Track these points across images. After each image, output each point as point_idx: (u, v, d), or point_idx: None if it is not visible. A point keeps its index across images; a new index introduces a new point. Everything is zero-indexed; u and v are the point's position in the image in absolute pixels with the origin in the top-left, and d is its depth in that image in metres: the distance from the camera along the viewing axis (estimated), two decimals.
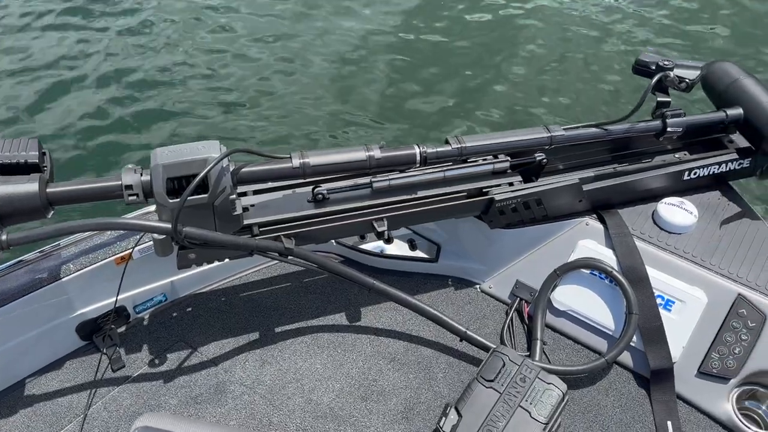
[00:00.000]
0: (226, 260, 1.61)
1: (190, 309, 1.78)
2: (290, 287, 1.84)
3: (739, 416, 1.52)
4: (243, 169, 1.41)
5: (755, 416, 1.56)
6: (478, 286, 1.86)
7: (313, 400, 1.57)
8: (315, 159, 1.44)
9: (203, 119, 3.80)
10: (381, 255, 1.88)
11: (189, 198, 1.29)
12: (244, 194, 1.57)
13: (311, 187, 1.57)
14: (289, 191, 1.58)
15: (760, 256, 1.65)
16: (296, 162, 1.42)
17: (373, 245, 1.90)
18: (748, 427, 1.51)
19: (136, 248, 1.62)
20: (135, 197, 1.32)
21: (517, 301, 1.78)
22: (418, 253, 1.90)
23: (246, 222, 1.48)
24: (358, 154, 1.47)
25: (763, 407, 1.56)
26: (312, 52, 4.33)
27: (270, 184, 1.59)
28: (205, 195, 1.32)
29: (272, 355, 1.67)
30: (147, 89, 4.04)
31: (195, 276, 1.80)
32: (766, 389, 1.55)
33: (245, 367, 1.65)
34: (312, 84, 4.07)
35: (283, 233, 1.49)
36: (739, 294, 1.58)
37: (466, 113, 3.75)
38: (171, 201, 1.30)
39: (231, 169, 1.37)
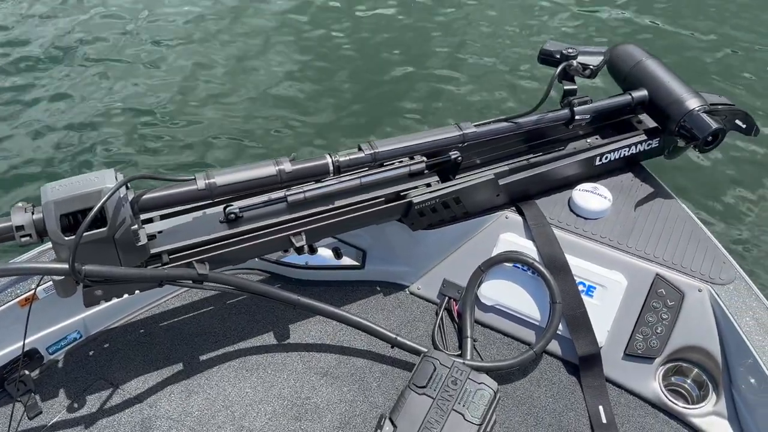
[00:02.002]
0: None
1: (107, 344, 1.69)
2: (213, 310, 1.77)
3: (666, 393, 1.56)
4: (144, 197, 1.34)
5: (682, 390, 1.61)
6: (406, 289, 1.84)
7: (245, 427, 1.52)
8: (222, 178, 1.38)
9: (98, 146, 3.54)
10: (306, 267, 1.83)
11: (86, 234, 1.21)
12: (150, 221, 1.49)
13: (223, 206, 1.51)
14: (199, 213, 1.52)
15: (674, 233, 1.70)
16: (201, 183, 1.36)
17: (297, 257, 1.86)
18: (675, 403, 1.55)
19: (40, 287, 1.52)
20: (28, 237, 1.23)
21: (445, 301, 1.77)
22: (344, 261, 1.86)
23: (154, 250, 1.41)
24: (268, 169, 1.42)
25: (689, 381, 1.61)
26: (214, 62, 4.17)
27: (178, 207, 1.53)
28: (104, 228, 1.25)
29: (198, 384, 1.60)
30: (31, 114, 3.73)
31: (109, 309, 1.71)
32: (690, 364, 1.60)
33: (171, 399, 1.57)
34: (213, 97, 3.88)
35: (195, 258, 1.43)
36: (657, 274, 1.62)
37: (384, 116, 3.69)
38: (67, 238, 1.22)
39: (130, 198, 1.30)
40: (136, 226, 1.31)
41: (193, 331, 1.72)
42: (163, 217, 1.51)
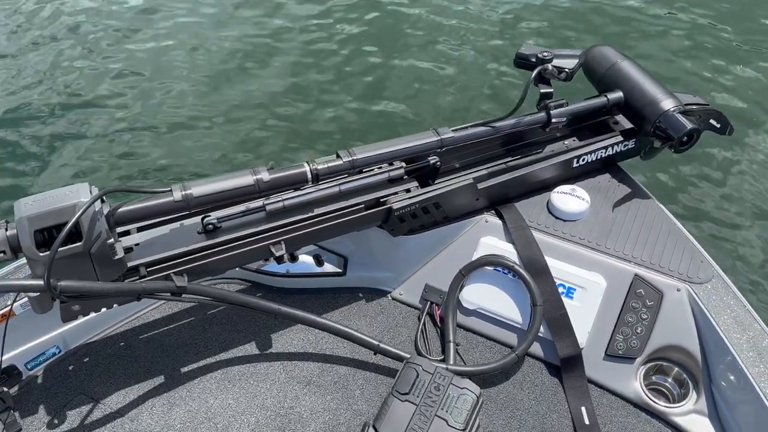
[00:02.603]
0: None
1: (87, 359, 1.67)
2: (194, 321, 1.76)
3: (647, 393, 1.57)
4: (120, 210, 1.32)
5: (663, 389, 1.63)
6: (389, 294, 1.84)
7: None
8: (198, 189, 1.37)
9: (71, 159, 3.50)
10: (287, 275, 1.83)
11: (61, 249, 1.20)
12: (127, 233, 1.48)
13: (200, 217, 1.50)
14: (177, 224, 1.50)
15: (652, 233, 1.71)
16: (178, 195, 1.35)
17: (278, 265, 1.85)
18: (657, 402, 1.56)
19: (16, 303, 1.50)
20: (2, 254, 1.22)
21: (428, 305, 1.77)
22: (326, 268, 1.86)
23: (131, 264, 1.39)
24: (245, 179, 1.42)
25: (669, 380, 1.63)
26: (186, 71, 4.13)
27: (155, 219, 1.51)
28: (80, 243, 1.23)
29: (180, 396, 1.59)
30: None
31: (89, 323, 1.69)
32: (670, 363, 1.61)
33: (152, 412, 1.56)
34: (187, 106, 3.85)
35: (173, 271, 1.42)
36: (636, 274, 1.63)
37: (360, 123, 3.69)
38: (42, 254, 1.20)
39: (105, 212, 1.29)
40: (112, 239, 1.29)
41: (174, 342, 1.71)
42: (140, 230, 1.49)
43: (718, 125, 1.76)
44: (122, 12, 4.73)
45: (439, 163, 1.68)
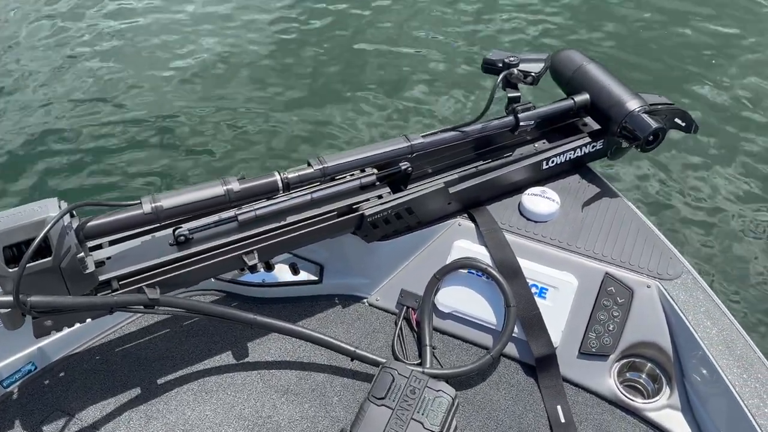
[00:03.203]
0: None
1: (63, 374, 1.67)
2: (170, 333, 1.75)
3: (622, 390, 1.59)
4: (89, 224, 1.33)
5: (637, 385, 1.65)
6: (365, 301, 1.85)
7: None
8: (168, 201, 1.37)
9: (41, 175, 3.48)
10: (262, 284, 1.83)
11: (30, 264, 1.20)
12: (98, 247, 1.48)
13: (172, 229, 1.50)
14: (148, 237, 1.51)
15: (621, 232, 1.74)
16: (147, 207, 1.35)
17: (253, 275, 1.85)
18: (631, 399, 1.58)
19: None
20: None
21: (404, 310, 1.78)
22: (302, 277, 1.86)
23: (103, 277, 1.39)
24: (215, 190, 1.42)
25: (643, 376, 1.65)
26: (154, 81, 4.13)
27: (126, 233, 1.51)
28: (49, 258, 1.23)
29: (158, 410, 1.59)
30: None
31: (64, 338, 1.68)
32: (643, 359, 1.63)
33: (129, 426, 1.55)
34: (153, 119, 3.85)
35: (145, 283, 1.42)
36: (607, 273, 1.66)
37: (329, 131, 3.70)
38: (11, 270, 1.20)
39: (75, 226, 1.29)
40: (82, 253, 1.29)
41: (150, 356, 1.70)
42: (112, 243, 1.49)
43: (683, 124, 1.79)
44: (93, 19, 4.72)
45: (410, 169, 1.70)
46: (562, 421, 1.55)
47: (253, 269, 1.52)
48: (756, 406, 1.40)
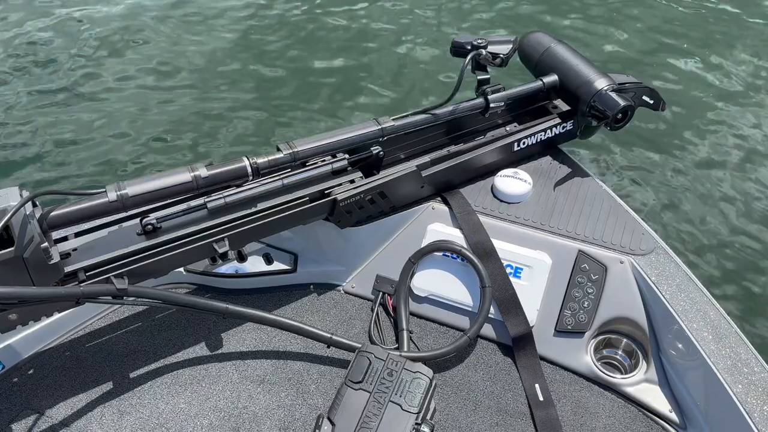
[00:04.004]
0: (65, 312, 1.49)
1: (32, 371, 1.62)
2: (141, 328, 1.72)
3: (599, 365, 1.60)
4: (53, 213, 1.29)
5: (614, 362, 1.65)
6: (340, 288, 1.83)
7: None
8: (133, 189, 1.34)
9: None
10: (236, 275, 1.80)
11: None
12: (64, 239, 1.44)
13: (139, 218, 1.47)
14: (115, 227, 1.47)
15: (593, 210, 1.75)
16: (112, 195, 1.32)
17: (226, 267, 1.82)
18: (608, 374, 1.59)
19: None
20: None
21: (380, 296, 1.77)
22: (275, 266, 1.84)
23: (69, 268, 1.36)
24: (182, 176, 1.40)
25: (620, 352, 1.66)
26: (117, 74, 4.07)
27: (94, 223, 1.48)
28: (11, 248, 1.20)
29: (131, 404, 1.55)
30: None
31: (33, 335, 1.64)
32: (619, 335, 1.64)
33: (102, 422, 1.52)
34: (121, 109, 3.78)
35: (113, 274, 1.39)
36: (580, 250, 1.66)
37: (295, 119, 3.68)
38: None
39: (37, 215, 1.25)
40: (46, 243, 1.26)
41: (121, 351, 1.67)
42: (77, 235, 1.46)
43: (651, 101, 1.81)
44: (55, 8, 4.64)
45: (382, 153, 1.69)
46: (541, 399, 1.55)
47: (224, 257, 1.49)
48: (731, 374, 1.41)
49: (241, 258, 1.82)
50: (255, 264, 1.84)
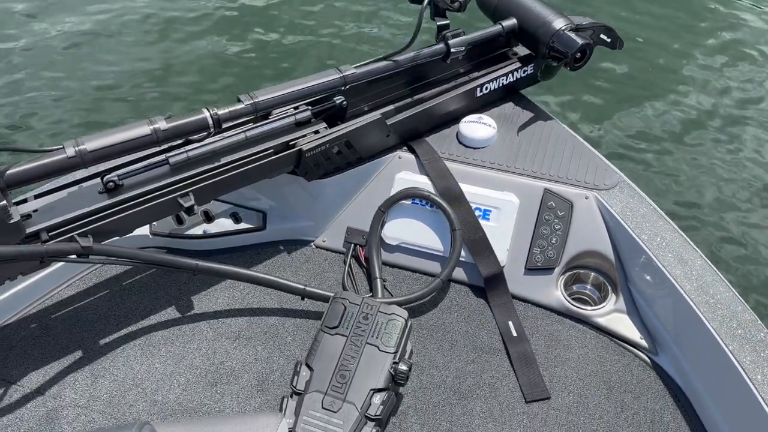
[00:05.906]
0: (30, 281, 1.48)
1: None
2: (110, 293, 1.69)
3: (569, 300, 1.63)
4: (9, 171, 1.25)
5: (584, 297, 1.69)
6: (312, 243, 1.82)
7: (158, 401, 1.46)
8: (92, 143, 1.31)
9: None
10: (203, 236, 1.78)
11: None
12: (24, 201, 1.40)
13: (100, 177, 1.43)
14: (76, 187, 1.44)
15: (557, 150, 1.77)
16: (70, 151, 1.29)
17: (194, 229, 1.80)
18: (579, 307, 1.62)
19: None
20: None
21: (352, 248, 1.77)
22: (244, 225, 1.82)
23: (31, 229, 1.32)
24: (141, 129, 1.36)
25: (589, 286, 1.69)
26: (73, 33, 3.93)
27: (54, 185, 1.44)
28: None
29: (104, 368, 1.53)
30: None
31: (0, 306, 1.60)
32: (588, 269, 1.67)
33: (75, 387, 1.49)
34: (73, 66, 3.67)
35: (77, 232, 1.36)
36: (546, 189, 1.68)
37: (253, 75, 3.64)
38: None
39: None
40: (4, 202, 1.22)
41: (91, 317, 1.64)
42: (37, 197, 1.42)
43: (609, 40, 1.82)
44: None
45: (345, 102, 1.68)
46: (514, 335, 1.57)
47: (190, 211, 1.47)
48: (698, 295, 1.45)
49: (209, 219, 1.79)
50: (223, 225, 1.82)
